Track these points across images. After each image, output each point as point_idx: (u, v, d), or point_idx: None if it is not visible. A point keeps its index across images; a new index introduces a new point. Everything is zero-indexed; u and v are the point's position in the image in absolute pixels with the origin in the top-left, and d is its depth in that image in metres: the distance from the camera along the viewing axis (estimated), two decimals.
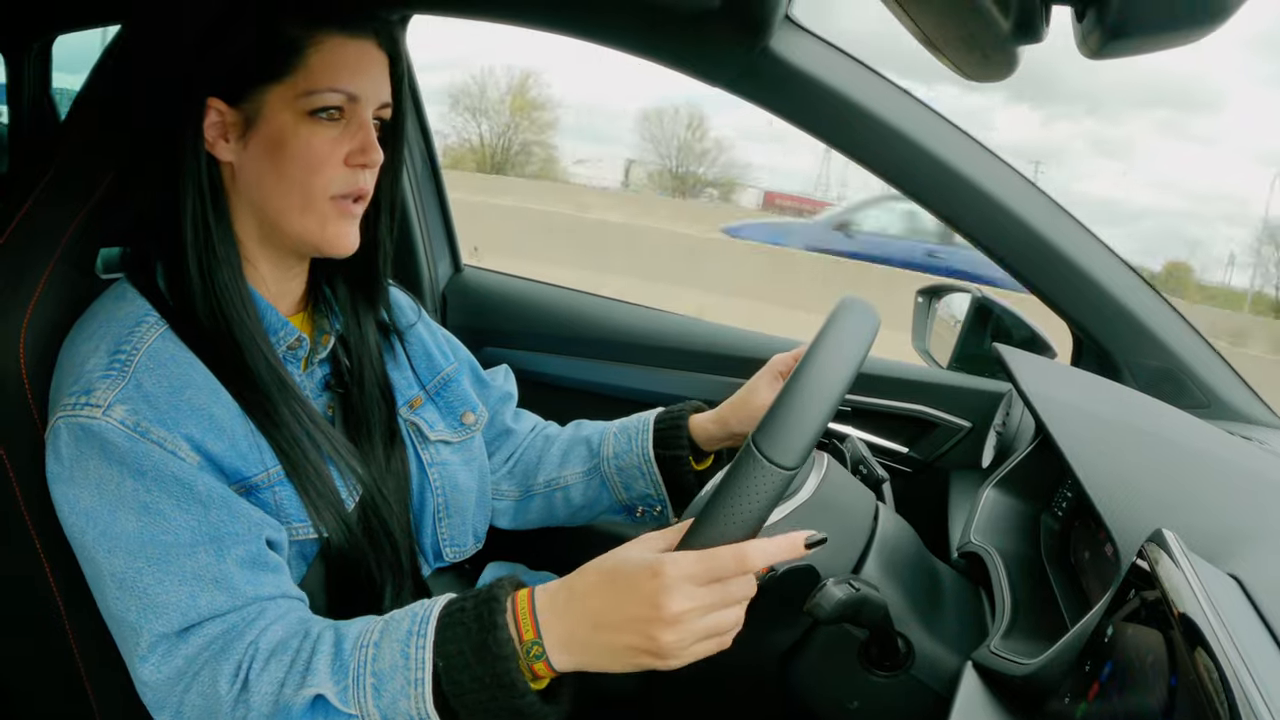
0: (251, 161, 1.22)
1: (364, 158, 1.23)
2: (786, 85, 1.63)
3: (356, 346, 1.40)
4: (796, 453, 0.98)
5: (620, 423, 1.64)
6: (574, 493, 1.64)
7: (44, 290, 1.26)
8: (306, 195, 1.22)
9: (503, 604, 1.04)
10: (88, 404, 1.12)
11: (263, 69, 1.20)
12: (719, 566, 0.99)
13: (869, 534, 1.30)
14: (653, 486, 1.58)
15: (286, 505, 1.21)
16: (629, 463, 1.59)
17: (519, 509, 1.68)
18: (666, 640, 0.98)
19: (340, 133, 1.22)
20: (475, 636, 1.02)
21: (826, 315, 1.13)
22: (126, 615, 1.10)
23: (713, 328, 2.23)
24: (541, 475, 1.65)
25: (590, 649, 1.02)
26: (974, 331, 1.96)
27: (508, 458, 1.68)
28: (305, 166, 1.21)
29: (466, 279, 2.43)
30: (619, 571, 1.02)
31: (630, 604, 0.99)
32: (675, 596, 0.97)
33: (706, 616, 0.99)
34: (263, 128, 1.21)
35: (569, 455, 1.65)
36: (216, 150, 1.22)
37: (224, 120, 1.22)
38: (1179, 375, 1.68)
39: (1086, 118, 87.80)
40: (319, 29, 1.20)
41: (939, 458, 1.95)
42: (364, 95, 1.23)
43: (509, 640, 1.02)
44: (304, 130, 1.20)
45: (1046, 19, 0.92)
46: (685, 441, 1.56)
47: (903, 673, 1.21)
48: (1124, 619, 0.90)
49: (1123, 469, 1.18)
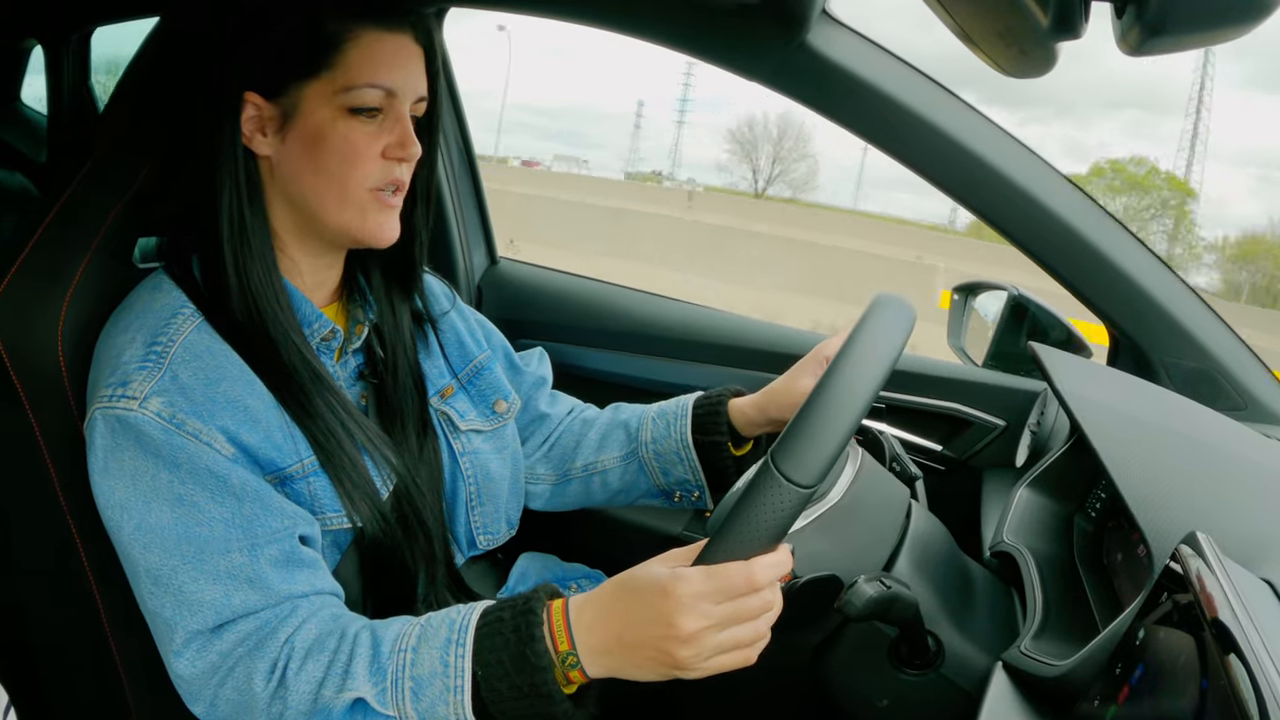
0: (289, 156, 1.23)
1: (402, 151, 1.24)
2: (824, 80, 1.62)
3: (391, 336, 1.41)
4: (815, 471, 0.98)
5: (659, 407, 1.63)
6: (611, 477, 1.63)
7: (82, 279, 1.27)
8: (344, 189, 1.22)
9: (540, 616, 1.06)
10: (124, 395, 1.13)
11: (300, 64, 1.20)
12: (729, 585, 0.99)
13: (901, 532, 1.29)
14: (691, 472, 1.57)
15: (321, 495, 1.22)
16: (667, 448, 1.58)
17: (555, 492, 1.67)
18: (682, 656, 1.00)
19: (378, 127, 1.23)
20: (514, 647, 1.04)
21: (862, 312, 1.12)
22: (162, 611, 1.12)
23: (747, 323, 2.22)
24: (579, 459, 1.65)
25: (618, 660, 1.04)
26: (1010, 330, 1.95)
27: (543, 441, 1.68)
28: (343, 161, 1.21)
29: (502, 271, 2.43)
30: (635, 590, 1.03)
31: (646, 622, 1.01)
32: (687, 615, 0.99)
33: (721, 633, 1.01)
34: (300, 123, 1.21)
35: (607, 439, 1.64)
36: (254, 144, 1.23)
37: (261, 115, 1.22)
38: (1216, 377, 1.66)
39: (1057, 120, 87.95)
40: (357, 24, 1.20)
41: (973, 456, 1.94)
42: (401, 90, 1.23)
43: (546, 652, 1.04)
44: (342, 125, 1.21)
45: (1085, 15, 0.91)
46: (724, 428, 1.55)
47: (932, 671, 1.21)
48: (1156, 622, 0.89)
49: (1157, 471, 1.17)
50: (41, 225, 1.29)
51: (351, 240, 1.28)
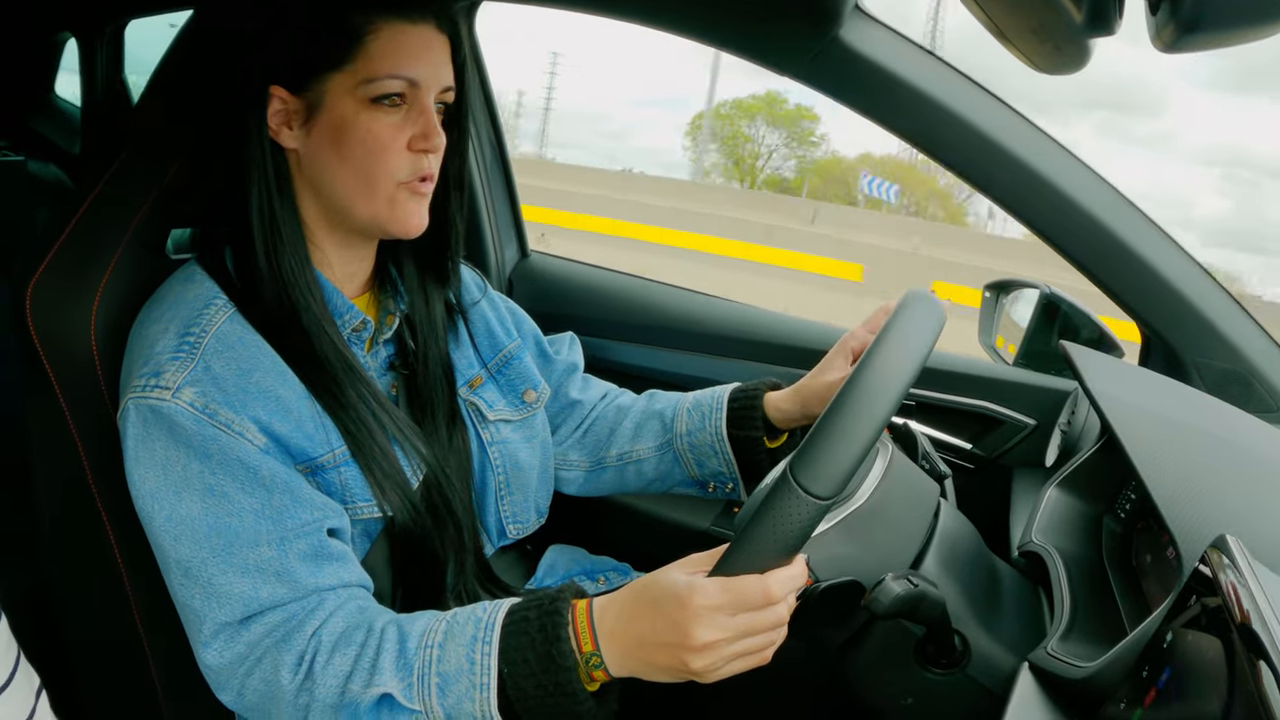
0: (315, 149, 1.24)
1: (426, 143, 1.24)
2: (857, 75, 1.62)
3: (423, 326, 1.42)
4: (833, 484, 0.97)
5: (694, 397, 1.63)
6: (646, 466, 1.64)
7: (115, 270, 1.28)
8: (370, 181, 1.23)
9: (565, 617, 1.06)
10: (157, 385, 1.14)
11: (323, 57, 1.21)
12: (745, 598, 1.00)
13: (929, 530, 1.28)
14: (725, 465, 1.57)
15: (352, 485, 1.23)
16: (702, 440, 1.58)
17: (589, 479, 1.68)
18: (698, 665, 1.01)
19: (402, 118, 1.23)
20: (540, 647, 1.05)
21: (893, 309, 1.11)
22: (191, 602, 1.13)
23: (779, 318, 2.22)
24: (614, 448, 1.65)
25: (637, 662, 1.05)
26: (1041, 328, 1.94)
27: (576, 427, 1.68)
28: (368, 153, 1.22)
29: (533, 264, 2.44)
30: (653, 597, 1.04)
31: (663, 630, 1.02)
32: (702, 627, 0.99)
33: (736, 643, 1.01)
34: (325, 115, 1.22)
35: (642, 429, 1.64)
36: (280, 137, 1.24)
37: (287, 108, 1.23)
38: (1248, 378, 1.65)
39: (1036, 120, 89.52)
40: (378, 15, 1.21)
41: (1002, 455, 1.93)
42: (425, 81, 1.23)
43: (571, 652, 1.05)
44: (365, 117, 1.21)
45: (1120, 11, 0.91)
46: (759, 421, 1.55)
47: (958, 671, 1.20)
48: (1184, 625, 0.89)
49: (1188, 472, 1.16)
50: (75, 216, 1.30)
51: (381, 231, 1.28)
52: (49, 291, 1.27)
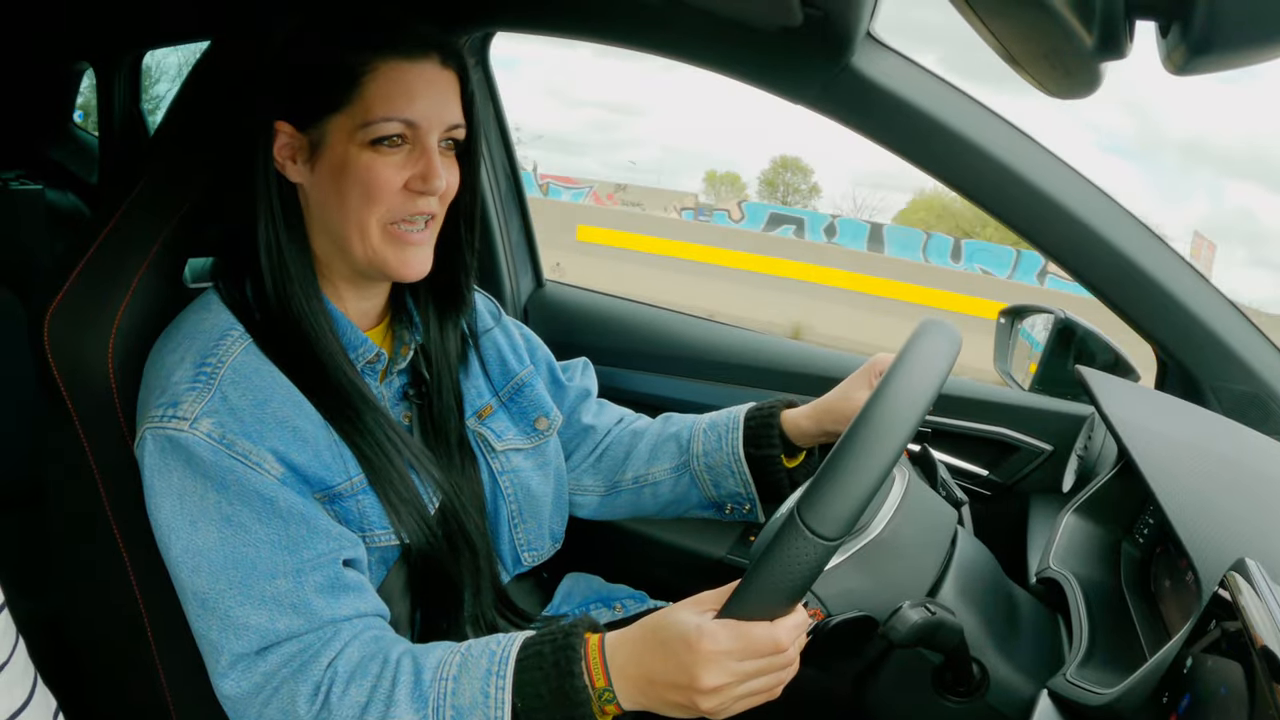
0: (318, 186, 1.24)
1: (424, 185, 1.23)
2: (869, 102, 1.62)
3: (437, 357, 1.42)
4: (840, 525, 0.97)
5: (710, 418, 1.63)
6: (662, 489, 1.63)
7: (132, 299, 1.29)
8: (362, 223, 1.22)
9: (579, 652, 1.07)
10: (175, 416, 1.15)
11: (323, 98, 1.21)
12: (753, 646, 1.01)
13: (947, 557, 1.28)
14: (742, 485, 1.57)
15: (369, 512, 1.23)
16: (718, 461, 1.58)
17: (604, 503, 1.68)
18: (707, 706, 1.03)
19: (404, 158, 1.22)
20: (553, 681, 1.06)
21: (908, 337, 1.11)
22: (208, 633, 1.14)
23: (793, 345, 2.22)
24: (630, 471, 1.65)
25: (649, 699, 1.06)
26: (1057, 353, 1.93)
27: (590, 452, 1.68)
28: (363, 194, 1.21)
29: (548, 294, 2.44)
30: (663, 640, 1.05)
31: (671, 671, 1.03)
32: (710, 671, 1.01)
33: (743, 685, 1.03)
34: (327, 154, 1.22)
35: (658, 451, 1.64)
36: (286, 172, 1.24)
37: (293, 144, 1.23)
38: (1265, 400, 1.64)
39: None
40: (375, 56, 1.20)
41: (1019, 481, 1.92)
42: (424, 121, 1.22)
43: (584, 688, 1.06)
44: (366, 158, 1.20)
45: (1130, 35, 0.91)
46: (776, 440, 1.55)
47: (977, 699, 1.20)
48: (1204, 650, 0.88)
49: (1206, 496, 1.15)
50: (92, 246, 1.31)
51: (379, 273, 1.28)
52: (66, 321, 1.27)
